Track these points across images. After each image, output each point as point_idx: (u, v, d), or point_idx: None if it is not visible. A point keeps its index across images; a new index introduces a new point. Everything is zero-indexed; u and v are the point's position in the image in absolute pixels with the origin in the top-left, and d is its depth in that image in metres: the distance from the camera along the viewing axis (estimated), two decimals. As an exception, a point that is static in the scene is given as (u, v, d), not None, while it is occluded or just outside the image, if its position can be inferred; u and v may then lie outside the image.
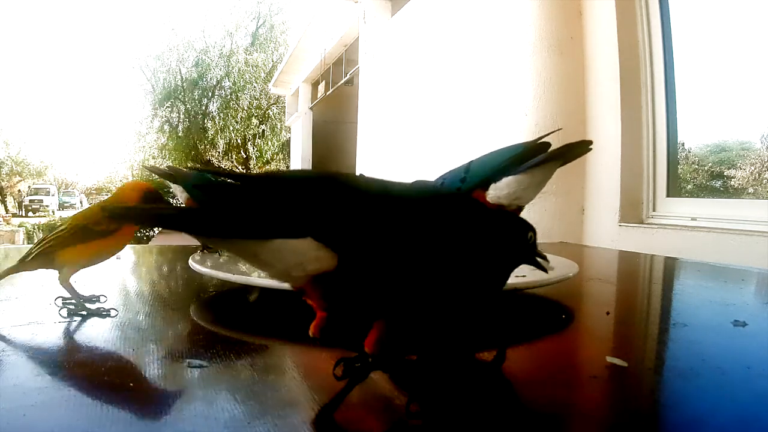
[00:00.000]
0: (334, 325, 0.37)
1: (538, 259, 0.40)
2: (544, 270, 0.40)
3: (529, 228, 0.39)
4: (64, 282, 0.57)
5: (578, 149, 0.63)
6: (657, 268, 1.09)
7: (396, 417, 0.34)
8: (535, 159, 0.62)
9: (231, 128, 15.84)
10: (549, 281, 0.60)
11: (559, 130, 0.68)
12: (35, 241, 0.61)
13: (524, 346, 0.51)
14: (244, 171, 15.74)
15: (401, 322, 0.35)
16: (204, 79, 16.43)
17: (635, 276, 1.02)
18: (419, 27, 3.34)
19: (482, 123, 2.42)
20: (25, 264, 0.56)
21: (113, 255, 0.61)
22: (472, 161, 0.70)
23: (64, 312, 0.56)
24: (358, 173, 0.96)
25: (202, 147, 16.07)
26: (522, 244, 0.39)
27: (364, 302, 0.34)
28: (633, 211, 1.79)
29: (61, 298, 0.57)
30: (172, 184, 0.81)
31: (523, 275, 0.55)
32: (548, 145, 0.63)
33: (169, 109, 16.46)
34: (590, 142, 0.63)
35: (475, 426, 0.32)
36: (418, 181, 0.62)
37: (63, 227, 0.57)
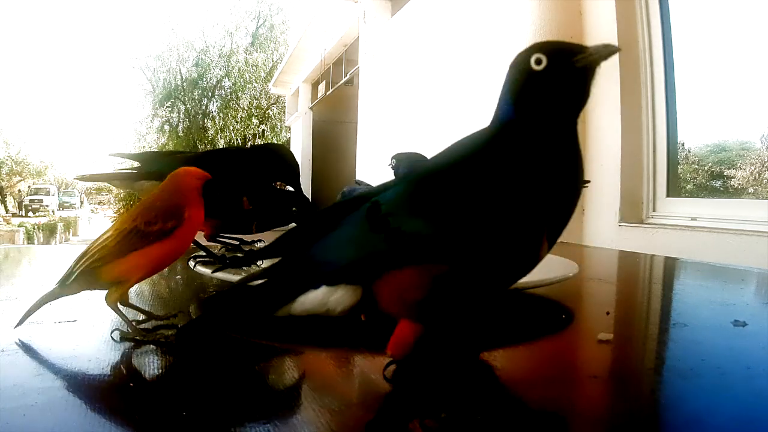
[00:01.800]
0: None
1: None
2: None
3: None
4: (112, 304, 0.46)
5: None
6: (657, 268, 1.09)
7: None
8: None
9: (231, 128, 15.83)
10: (549, 281, 0.60)
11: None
12: (74, 256, 0.46)
13: (524, 346, 0.51)
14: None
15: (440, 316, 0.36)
16: (204, 79, 16.42)
17: (635, 276, 1.02)
18: (419, 27, 3.34)
19: (482, 123, 2.41)
20: (65, 288, 0.46)
21: (174, 260, 0.49)
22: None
23: (116, 335, 0.46)
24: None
25: (202, 147, 16.04)
26: None
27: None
28: (633, 211, 1.79)
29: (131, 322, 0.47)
30: None
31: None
32: None
33: (169, 109, 16.45)
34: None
35: (475, 426, 0.32)
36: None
37: (107, 235, 0.46)
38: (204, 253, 0.73)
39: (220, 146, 15.90)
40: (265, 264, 0.46)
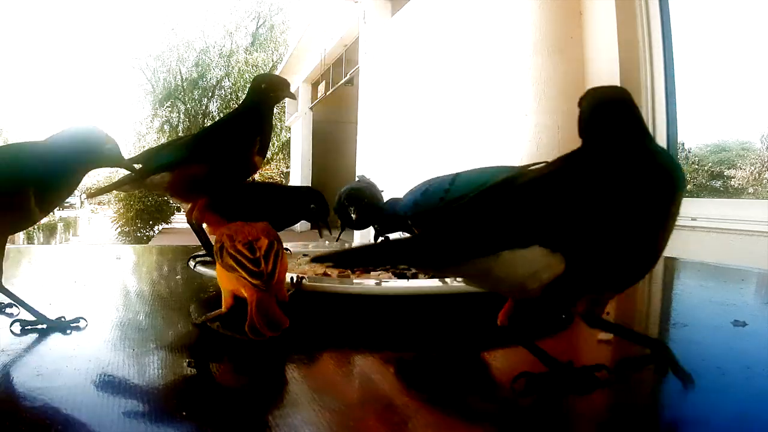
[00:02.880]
0: (523, 314, 0.38)
1: None
2: None
3: None
4: None
5: None
6: (657, 268, 1.09)
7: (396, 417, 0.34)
8: None
9: (231, 128, 15.82)
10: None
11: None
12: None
13: (524, 346, 0.51)
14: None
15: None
16: (204, 79, 16.41)
17: (635, 276, 1.02)
18: (419, 27, 3.34)
19: (482, 123, 2.42)
20: None
21: None
22: (458, 174, 0.71)
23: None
24: (358, 175, 0.96)
25: (203, 147, 16.03)
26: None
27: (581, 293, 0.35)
28: (633, 211, 1.79)
29: None
30: None
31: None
32: None
33: (169, 109, 16.44)
34: None
35: (475, 425, 0.32)
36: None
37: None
38: (203, 253, 0.73)
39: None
40: None
